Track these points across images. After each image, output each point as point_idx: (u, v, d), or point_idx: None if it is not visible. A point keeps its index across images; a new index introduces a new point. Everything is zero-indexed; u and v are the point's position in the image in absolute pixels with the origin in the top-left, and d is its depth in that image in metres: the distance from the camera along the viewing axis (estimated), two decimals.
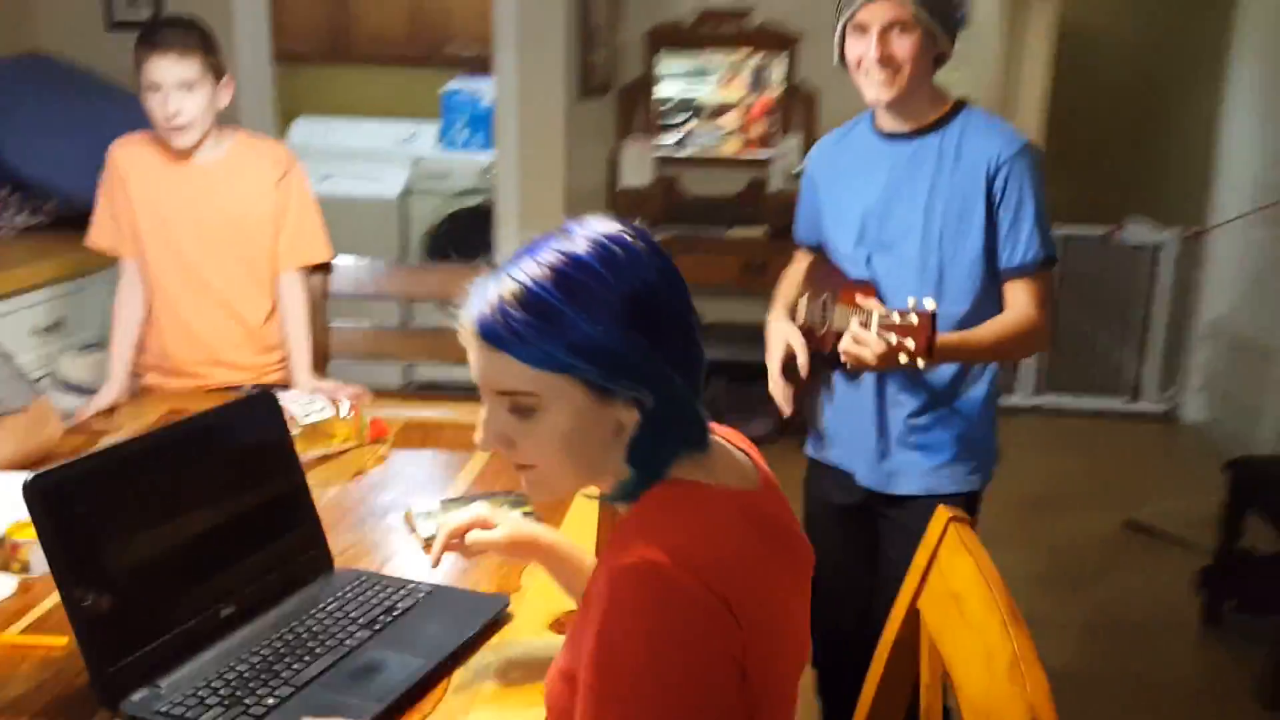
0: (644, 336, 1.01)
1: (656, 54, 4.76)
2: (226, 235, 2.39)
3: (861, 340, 1.75)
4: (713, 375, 1.17)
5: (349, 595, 1.46)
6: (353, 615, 1.41)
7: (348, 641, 1.35)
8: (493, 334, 1.01)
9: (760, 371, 2.10)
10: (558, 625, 1.45)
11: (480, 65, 5.22)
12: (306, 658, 1.31)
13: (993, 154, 1.88)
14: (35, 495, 1.20)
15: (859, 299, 1.91)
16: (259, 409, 1.53)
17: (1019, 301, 1.91)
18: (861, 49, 1.89)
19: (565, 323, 0.99)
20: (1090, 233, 4.85)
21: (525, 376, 1.01)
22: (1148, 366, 4.98)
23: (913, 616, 1.29)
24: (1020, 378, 5.07)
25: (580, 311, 0.99)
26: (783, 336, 2.05)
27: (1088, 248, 4.88)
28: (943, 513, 1.28)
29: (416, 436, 2.16)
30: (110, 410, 2.28)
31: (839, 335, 1.85)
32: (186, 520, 1.37)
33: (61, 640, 1.37)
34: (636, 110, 4.78)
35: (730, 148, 4.93)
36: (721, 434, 1.15)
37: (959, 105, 1.96)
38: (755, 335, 4.67)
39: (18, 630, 1.42)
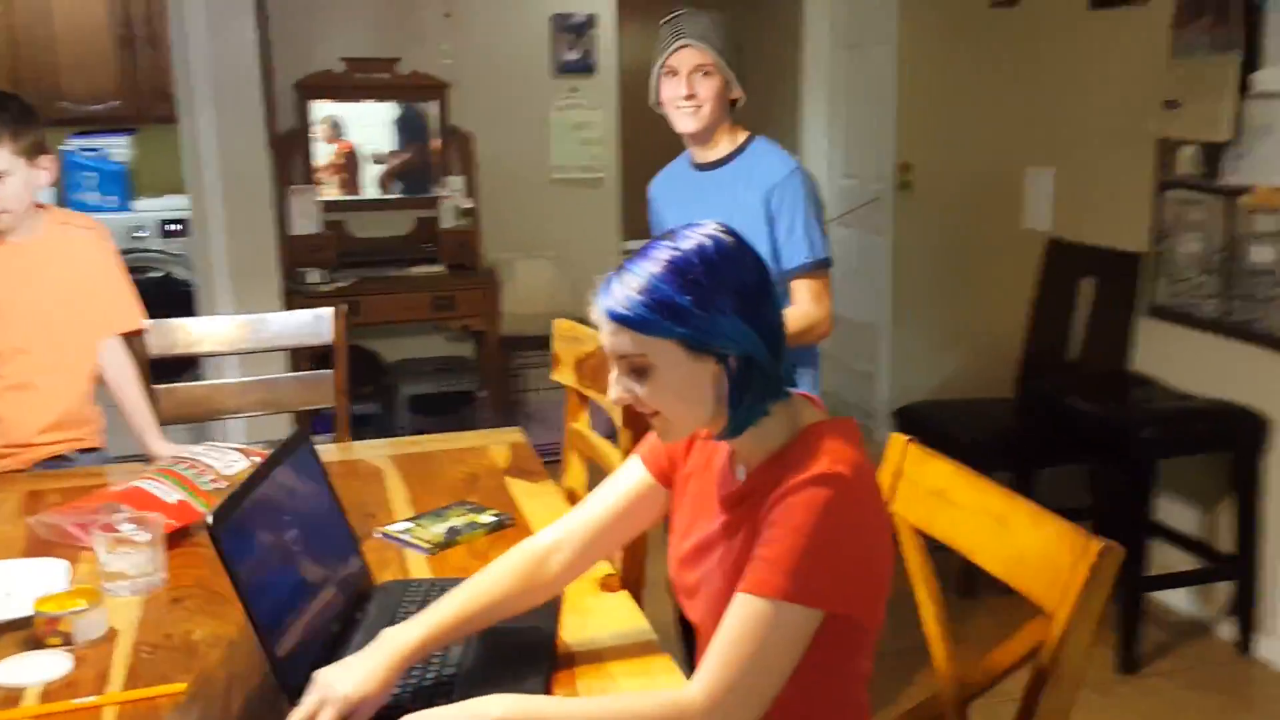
0: (735, 312, 1.30)
1: (308, 103, 4.84)
2: (51, 311, 2.30)
3: None
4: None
5: (417, 598, 1.61)
6: None
7: None
8: (615, 316, 1.30)
9: (461, 400, 2.41)
10: (606, 585, 1.70)
11: (96, 121, 5.01)
12: (439, 649, 1.47)
13: (770, 176, 2.34)
14: (219, 525, 1.29)
15: None
16: (305, 451, 1.62)
17: (800, 298, 2.37)
18: (673, 90, 2.32)
19: (667, 302, 1.27)
20: None
21: (637, 342, 1.30)
22: None
23: None
24: None
25: (682, 293, 1.27)
26: None
27: None
28: (898, 439, 1.71)
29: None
30: None
31: None
32: (299, 547, 1.48)
33: (181, 686, 1.42)
34: (293, 159, 4.81)
35: (393, 190, 5.10)
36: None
37: (751, 138, 2.42)
38: (451, 367, 4.94)
39: (117, 688, 1.43)
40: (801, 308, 2.34)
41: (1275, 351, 2.97)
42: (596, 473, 2.23)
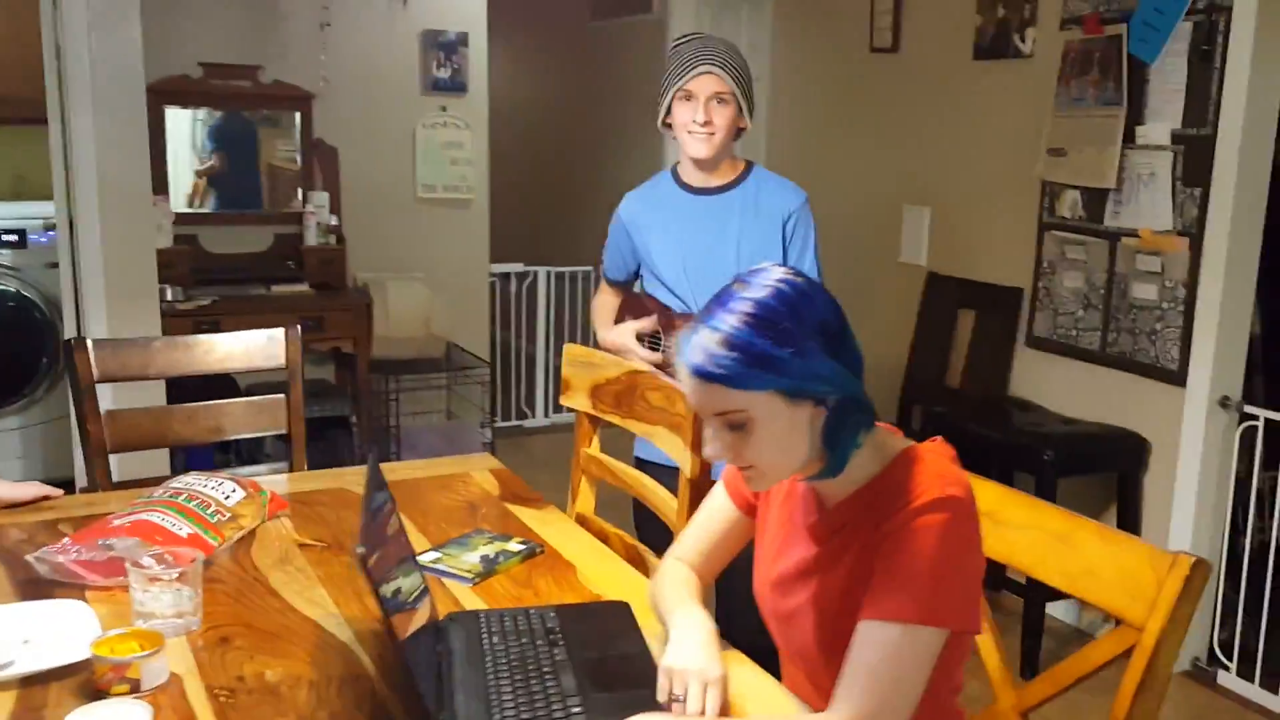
0: (823, 351, 1.31)
1: (163, 108, 4.56)
2: None
3: None
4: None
5: (497, 630, 1.56)
6: (528, 642, 1.52)
7: (559, 659, 1.48)
8: (706, 374, 1.28)
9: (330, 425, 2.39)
10: None
11: None
12: (553, 678, 1.43)
13: (786, 206, 2.41)
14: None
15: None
16: (377, 477, 1.55)
17: None
18: (688, 114, 2.34)
19: (762, 354, 1.26)
20: (580, 270, 5.64)
21: (734, 398, 1.28)
22: None
23: None
24: (536, 406, 5.70)
25: (774, 344, 1.27)
26: (629, 330, 2.40)
27: (579, 281, 5.65)
28: None
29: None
30: None
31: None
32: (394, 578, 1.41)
33: None
34: None
35: (251, 204, 4.86)
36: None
37: (749, 165, 2.47)
38: (315, 390, 4.73)
39: None
40: None
41: (1155, 380, 3.26)
42: (604, 498, 2.22)
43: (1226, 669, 3.19)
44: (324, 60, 4.65)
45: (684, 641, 1.42)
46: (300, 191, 4.84)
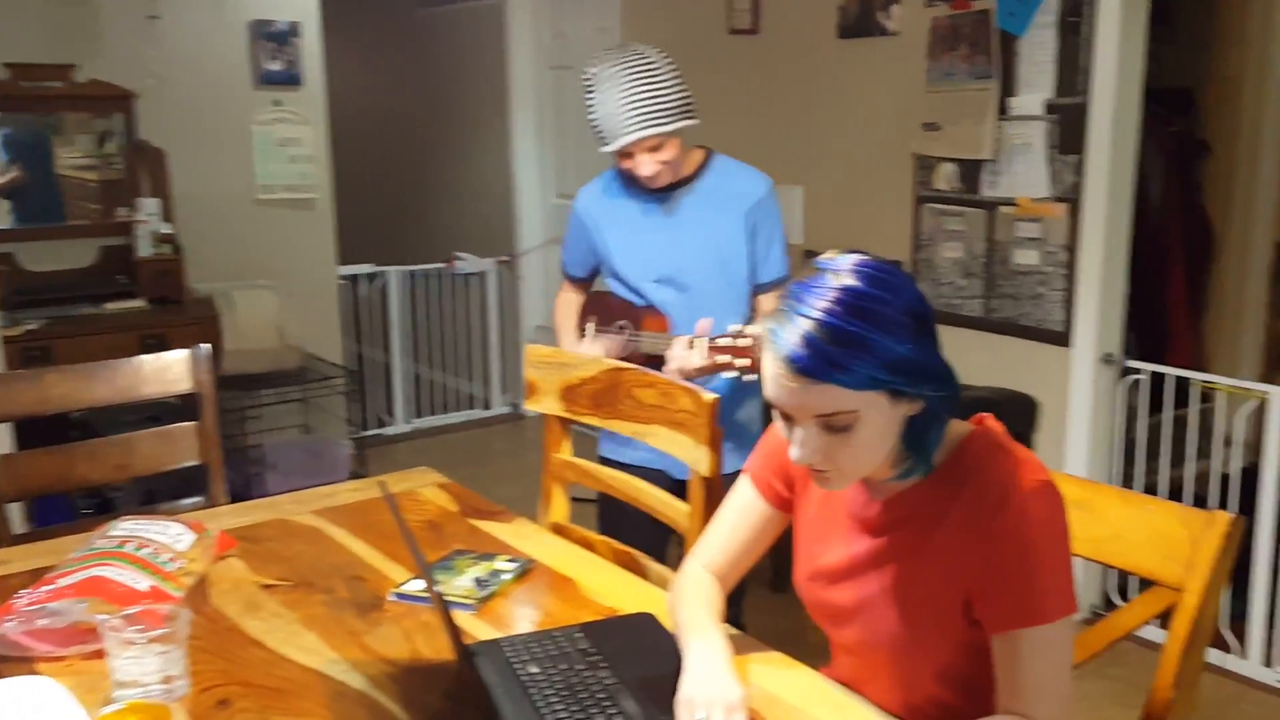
0: (926, 340, 1.26)
1: None
2: None
3: (686, 358, 2.10)
4: None
5: (528, 657, 1.44)
6: (567, 667, 1.41)
7: (610, 682, 1.38)
8: (811, 369, 1.18)
9: None
10: None
11: None
12: (612, 704, 1.33)
13: (752, 194, 2.33)
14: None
15: (656, 325, 2.27)
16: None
17: (769, 310, 2.38)
18: (630, 165, 2.24)
19: (873, 345, 1.18)
20: (433, 268, 5.43)
21: (846, 398, 1.20)
22: (493, 375, 5.73)
23: None
24: (396, 413, 5.47)
25: (882, 333, 1.19)
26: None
27: (432, 279, 5.45)
28: None
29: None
30: None
31: (648, 356, 2.18)
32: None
33: None
34: None
35: (75, 216, 4.45)
36: None
37: (709, 155, 2.38)
38: (158, 414, 4.36)
39: None
40: None
41: (1041, 342, 3.38)
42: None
43: (1113, 605, 3.35)
44: (153, 55, 4.29)
45: (698, 669, 1.34)
46: (128, 199, 4.45)
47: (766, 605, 3.42)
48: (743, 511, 1.54)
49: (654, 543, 2.23)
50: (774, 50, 4.16)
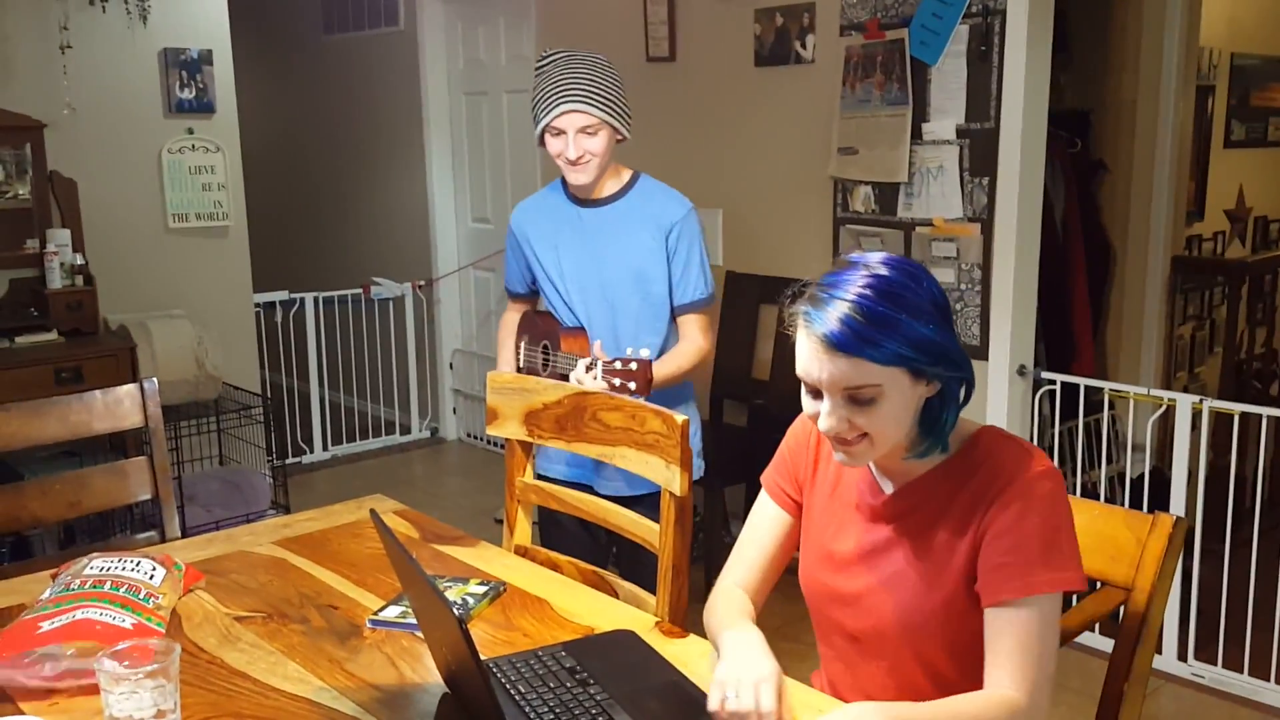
0: (945, 326, 1.37)
1: None
2: None
3: (584, 382, 2.17)
4: None
5: (516, 677, 1.48)
6: (557, 685, 1.45)
7: (602, 699, 1.42)
8: (845, 343, 1.31)
9: None
10: (669, 631, 1.67)
11: None
12: (604, 717, 1.37)
13: (668, 216, 2.41)
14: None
15: (578, 345, 2.33)
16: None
17: (690, 332, 2.47)
18: (559, 147, 2.30)
19: (901, 325, 1.32)
20: (349, 293, 5.39)
21: (873, 372, 1.33)
22: (411, 400, 5.70)
23: None
24: (314, 440, 5.40)
25: (909, 316, 1.32)
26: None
27: (348, 305, 5.40)
28: None
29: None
30: None
31: (564, 376, 2.24)
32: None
33: None
34: None
35: None
36: None
37: (635, 176, 2.45)
38: (75, 450, 4.25)
39: None
40: (695, 342, 2.42)
41: None
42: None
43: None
44: (66, 85, 4.19)
45: (729, 655, 1.41)
46: (39, 230, 4.33)
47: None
48: (763, 526, 1.63)
49: (594, 558, 2.29)
50: (692, 77, 4.26)
